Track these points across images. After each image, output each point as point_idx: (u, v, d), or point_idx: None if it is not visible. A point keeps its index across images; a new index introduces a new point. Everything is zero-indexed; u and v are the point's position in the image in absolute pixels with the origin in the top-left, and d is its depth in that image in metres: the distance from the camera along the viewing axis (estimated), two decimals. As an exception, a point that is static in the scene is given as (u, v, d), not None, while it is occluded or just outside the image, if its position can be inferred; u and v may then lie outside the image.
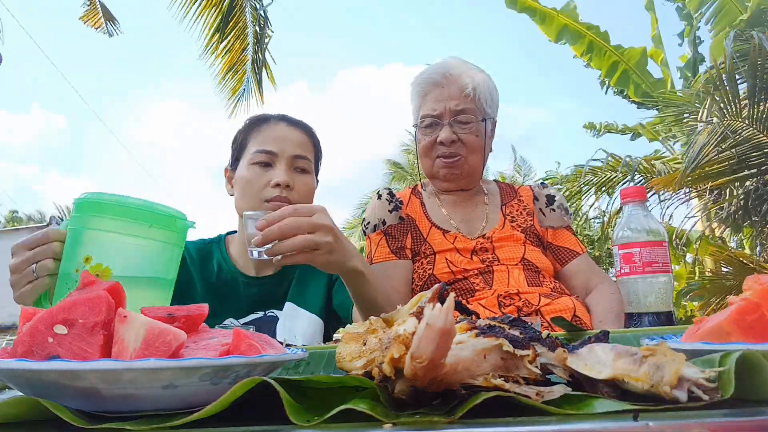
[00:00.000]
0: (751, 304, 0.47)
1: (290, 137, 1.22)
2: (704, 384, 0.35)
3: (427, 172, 1.48)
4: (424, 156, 1.45)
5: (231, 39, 6.14)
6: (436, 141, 1.41)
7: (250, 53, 6.16)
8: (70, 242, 0.72)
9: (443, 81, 1.42)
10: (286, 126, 1.24)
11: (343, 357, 0.52)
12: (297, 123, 1.27)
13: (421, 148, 1.45)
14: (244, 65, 6.24)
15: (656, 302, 0.96)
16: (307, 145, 1.24)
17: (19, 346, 0.42)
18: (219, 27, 6.04)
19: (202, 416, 0.36)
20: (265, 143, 1.20)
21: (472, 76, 1.43)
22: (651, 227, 0.98)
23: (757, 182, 4.13)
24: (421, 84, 1.45)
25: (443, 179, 1.45)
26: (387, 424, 0.34)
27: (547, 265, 1.39)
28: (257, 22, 6.14)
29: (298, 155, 1.20)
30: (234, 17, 6.05)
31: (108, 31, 6.71)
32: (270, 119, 1.26)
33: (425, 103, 1.43)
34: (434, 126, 1.41)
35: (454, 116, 1.40)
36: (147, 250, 0.72)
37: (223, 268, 1.26)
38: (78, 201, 0.72)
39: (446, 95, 1.40)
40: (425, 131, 1.43)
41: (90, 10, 6.62)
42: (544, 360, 0.43)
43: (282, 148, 1.19)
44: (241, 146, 1.24)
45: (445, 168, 1.42)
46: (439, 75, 1.43)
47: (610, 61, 6.03)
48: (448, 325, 0.34)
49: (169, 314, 0.48)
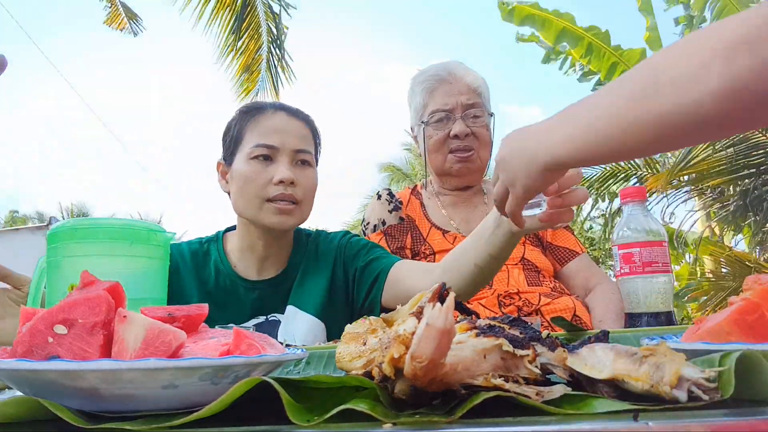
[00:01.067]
0: (751, 304, 0.47)
1: (291, 129, 1.13)
2: (704, 384, 0.35)
3: (437, 168, 1.46)
4: (436, 152, 1.43)
5: (246, 39, 6.14)
6: (449, 135, 1.40)
7: (264, 52, 6.16)
8: (51, 276, 0.69)
9: (450, 78, 1.42)
10: (285, 116, 1.14)
11: (343, 357, 0.52)
12: (296, 113, 1.17)
13: (432, 144, 1.43)
14: (259, 64, 6.25)
15: (656, 302, 0.96)
16: (308, 136, 1.16)
17: (19, 346, 0.42)
18: (233, 28, 6.05)
19: (202, 416, 0.36)
20: (265, 136, 1.10)
21: (473, 74, 1.44)
22: (651, 227, 0.98)
23: (756, 182, 4.13)
24: (426, 81, 1.44)
25: (456, 175, 1.44)
26: (387, 424, 0.34)
27: (547, 264, 1.39)
28: (271, 20, 6.14)
29: (300, 149, 1.12)
30: (248, 16, 6.05)
31: (132, 30, 6.71)
32: (267, 108, 1.16)
33: (434, 99, 1.42)
34: (446, 121, 1.40)
35: (465, 110, 1.40)
36: (131, 268, 0.69)
37: (221, 272, 1.18)
38: (51, 233, 0.69)
39: (456, 90, 1.40)
40: (436, 126, 1.42)
41: (112, 12, 6.63)
42: (544, 360, 0.43)
43: (283, 142, 1.10)
44: (237, 138, 1.14)
45: (459, 163, 1.41)
46: (444, 72, 1.43)
47: (610, 62, 6.02)
48: (448, 325, 0.35)
49: (169, 314, 0.48)
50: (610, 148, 0.55)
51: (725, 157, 4.04)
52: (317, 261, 1.21)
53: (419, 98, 1.46)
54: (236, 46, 6.15)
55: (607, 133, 0.54)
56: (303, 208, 1.13)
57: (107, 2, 6.58)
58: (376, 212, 1.47)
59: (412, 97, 1.50)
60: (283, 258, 1.21)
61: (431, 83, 1.44)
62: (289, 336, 1.14)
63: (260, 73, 6.25)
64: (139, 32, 6.77)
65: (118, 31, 6.68)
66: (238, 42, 6.11)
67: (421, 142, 1.48)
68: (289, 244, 1.22)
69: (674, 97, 0.47)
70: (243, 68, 6.25)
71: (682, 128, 0.48)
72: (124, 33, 6.69)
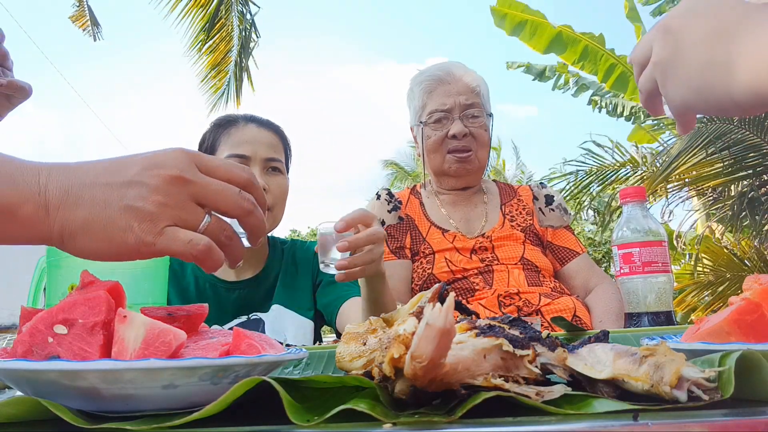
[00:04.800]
0: (751, 304, 0.47)
1: (261, 139, 1.21)
2: (704, 384, 0.35)
3: (436, 169, 1.46)
4: (434, 152, 1.44)
5: (217, 40, 6.24)
6: (447, 136, 1.40)
7: (234, 55, 6.24)
8: (51, 276, 0.69)
9: (448, 78, 1.42)
10: (255, 127, 1.23)
11: (343, 357, 0.52)
12: (266, 123, 1.26)
13: (430, 144, 1.43)
14: (227, 66, 6.33)
15: (656, 302, 0.96)
16: (278, 145, 1.24)
17: (19, 346, 0.42)
18: (205, 27, 6.12)
19: (202, 416, 0.36)
20: (237, 147, 1.19)
21: (472, 74, 1.45)
22: (650, 227, 0.98)
23: (753, 183, 4.13)
24: (425, 82, 1.45)
25: (454, 175, 1.44)
26: (387, 424, 0.34)
27: (547, 264, 1.39)
28: (243, 27, 6.21)
29: (270, 158, 1.20)
30: (219, 21, 6.13)
31: (93, 35, 6.76)
32: (239, 120, 1.24)
33: (432, 99, 1.43)
34: (444, 121, 1.41)
35: (463, 110, 1.40)
36: (132, 268, 0.68)
37: (200, 276, 1.24)
38: None
39: (455, 90, 1.41)
40: (435, 126, 1.42)
41: (79, 11, 6.68)
42: (544, 360, 0.43)
43: (254, 151, 1.19)
44: (211, 149, 1.23)
45: (457, 163, 1.41)
46: (443, 73, 1.44)
47: (607, 64, 5.99)
48: (448, 324, 0.34)
49: (169, 314, 0.48)
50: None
51: (719, 158, 4.04)
52: (296, 266, 1.30)
53: (418, 99, 1.47)
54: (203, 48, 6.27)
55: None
56: (275, 213, 1.21)
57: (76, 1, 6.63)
58: (375, 212, 1.47)
59: (411, 98, 1.50)
60: (260, 260, 1.28)
61: (430, 83, 1.44)
62: (279, 335, 1.19)
63: (227, 74, 6.36)
64: (98, 39, 6.82)
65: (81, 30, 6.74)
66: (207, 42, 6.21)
67: (420, 142, 1.48)
68: (264, 247, 1.30)
69: None
70: (210, 68, 6.38)
71: None
72: (85, 34, 6.74)
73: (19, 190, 0.43)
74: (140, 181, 0.45)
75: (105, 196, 0.44)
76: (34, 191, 0.43)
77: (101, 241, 0.45)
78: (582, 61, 6.01)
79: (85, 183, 0.45)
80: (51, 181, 0.44)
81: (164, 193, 0.45)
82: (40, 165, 0.45)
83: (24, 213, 0.43)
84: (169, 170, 0.45)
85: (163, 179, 0.45)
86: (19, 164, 0.44)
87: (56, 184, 0.44)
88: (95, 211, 0.44)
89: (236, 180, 0.49)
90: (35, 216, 0.44)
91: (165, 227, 0.45)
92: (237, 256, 0.51)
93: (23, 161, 0.45)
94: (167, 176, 0.45)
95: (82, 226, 0.44)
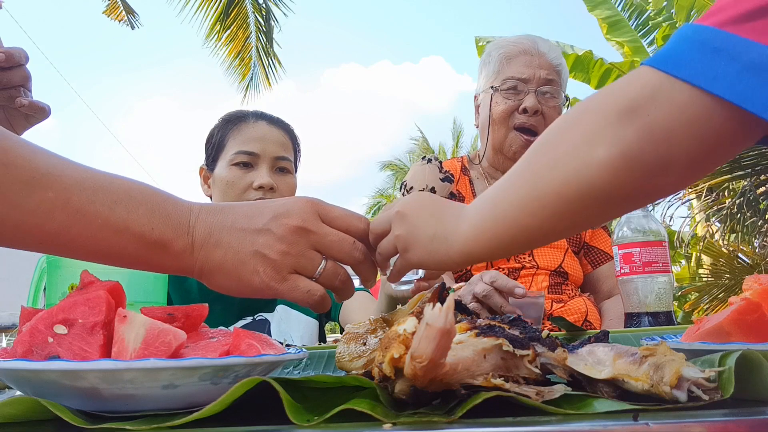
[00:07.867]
0: (751, 304, 0.47)
1: (271, 137, 1.19)
2: (704, 384, 0.35)
3: (496, 143, 1.34)
4: (499, 123, 1.31)
5: (234, 29, 6.33)
6: (517, 109, 1.29)
7: (253, 41, 6.31)
8: (51, 276, 0.69)
9: (532, 50, 1.32)
10: (266, 125, 1.21)
11: (343, 357, 0.52)
12: (276, 121, 1.24)
13: (499, 113, 1.30)
14: (249, 51, 6.43)
15: (656, 302, 0.96)
16: (287, 144, 1.22)
17: (19, 346, 0.42)
18: (220, 18, 6.19)
19: (202, 416, 0.36)
20: (246, 144, 1.17)
21: (557, 52, 1.35)
22: (650, 227, 0.98)
23: (751, 183, 4.13)
24: (506, 47, 1.34)
25: (512, 158, 1.31)
26: (387, 424, 0.34)
27: (578, 272, 1.33)
28: (260, 13, 6.27)
29: (280, 156, 1.18)
30: (235, 8, 6.18)
31: (130, 23, 6.79)
32: (248, 117, 1.22)
33: (510, 66, 1.31)
34: (517, 91, 1.29)
35: (541, 85, 1.29)
36: (132, 272, 0.68)
37: None
38: None
39: (536, 63, 1.30)
40: (507, 95, 1.30)
41: (111, 4, 6.71)
42: (544, 360, 0.43)
43: (263, 149, 1.17)
44: (219, 145, 1.21)
45: (520, 144, 1.29)
46: (528, 42, 1.33)
47: (602, 70, 5.96)
48: (448, 324, 0.34)
49: (169, 314, 0.48)
50: (515, 234, 0.48)
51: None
52: None
53: (495, 63, 1.34)
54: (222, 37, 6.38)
55: (510, 218, 0.48)
56: None
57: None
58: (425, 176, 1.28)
59: (485, 62, 1.38)
60: None
61: (511, 50, 1.32)
62: (286, 335, 1.17)
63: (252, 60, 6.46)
64: (136, 27, 6.84)
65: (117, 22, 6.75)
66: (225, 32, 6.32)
67: (485, 111, 1.34)
68: None
69: (570, 169, 0.43)
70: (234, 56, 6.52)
71: (582, 202, 0.44)
72: (121, 25, 6.76)
73: (173, 228, 0.50)
74: (269, 229, 0.51)
75: (239, 240, 0.51)
76: (184, 231, 0.50)
77: (233, 280, 0.52)
78: (573, 71, 5.97)
79: (225, 226, 0.52)
80: (199, 221, 0.51)
81: (288, 242, 0.51)
82: (192, 205, 0.52)
83: (175, 248, 0.50)
84: (294, 220, 0.52)
85: (288, 229, 0.51)
86: (174, 203, 0.51)
87: (202, 225, 0.51)
88: (230, 254, 0.51)
89: (353, 230, 0.55)
90: (183, 252, 0.50)
91: (287, 274, 0.52)
92: (346, 296, 0.57)
93: (177, 200, 0.52)
94: (292, 226, 0.52)
95: (219, 265, 0.51)
